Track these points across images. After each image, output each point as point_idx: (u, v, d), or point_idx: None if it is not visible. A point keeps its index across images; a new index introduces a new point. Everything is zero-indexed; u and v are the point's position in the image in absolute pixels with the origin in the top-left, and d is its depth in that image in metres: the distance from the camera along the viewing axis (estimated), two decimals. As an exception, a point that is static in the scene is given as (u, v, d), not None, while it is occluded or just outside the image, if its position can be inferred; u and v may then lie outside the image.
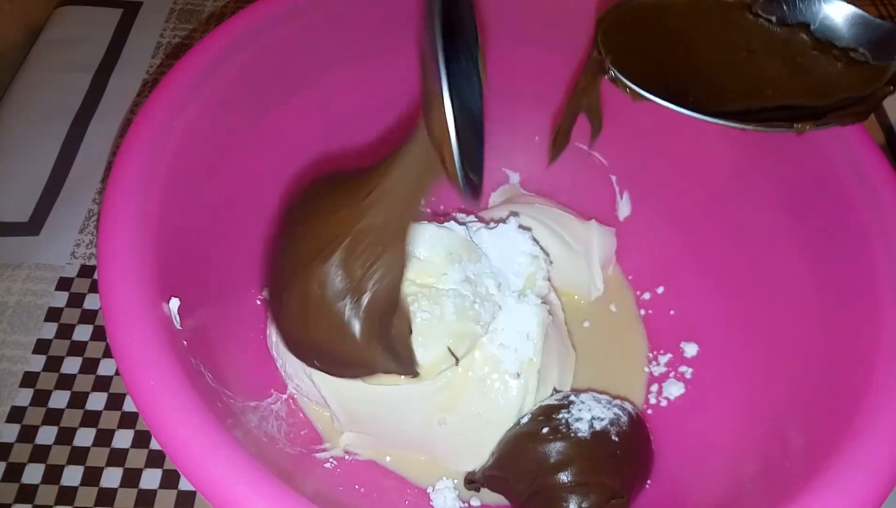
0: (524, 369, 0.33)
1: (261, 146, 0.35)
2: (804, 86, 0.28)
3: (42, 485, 0.35)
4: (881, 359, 0.26)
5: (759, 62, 0.29)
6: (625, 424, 0.32)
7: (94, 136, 0.48)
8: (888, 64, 0.28)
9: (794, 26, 0.29)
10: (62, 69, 0.51)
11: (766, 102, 0.28)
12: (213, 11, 0.56)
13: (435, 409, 0.33)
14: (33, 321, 0.40)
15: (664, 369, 0.39)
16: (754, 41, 0.30)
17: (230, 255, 0.34)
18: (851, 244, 0.29)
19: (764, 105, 0.28)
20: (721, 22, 0.30)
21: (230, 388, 0.29)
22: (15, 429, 0.37)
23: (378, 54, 0.38)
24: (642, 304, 0.42)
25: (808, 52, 0.29)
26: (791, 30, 0.29)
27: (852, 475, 0.23)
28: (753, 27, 0.30)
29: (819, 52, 0.29)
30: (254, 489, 0.22)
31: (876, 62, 0.28)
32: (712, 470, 0.32)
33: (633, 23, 0.30)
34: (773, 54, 0.29)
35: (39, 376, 0.39)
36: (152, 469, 0.36)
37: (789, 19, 0.29)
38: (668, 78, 0.29)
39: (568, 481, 0.30)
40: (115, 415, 0.38)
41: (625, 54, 0.29)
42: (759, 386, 0.32)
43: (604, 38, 0.29)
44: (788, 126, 0.27)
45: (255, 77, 0.33)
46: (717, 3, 0.30)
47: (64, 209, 0.45)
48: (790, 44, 0.29)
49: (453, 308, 0.32)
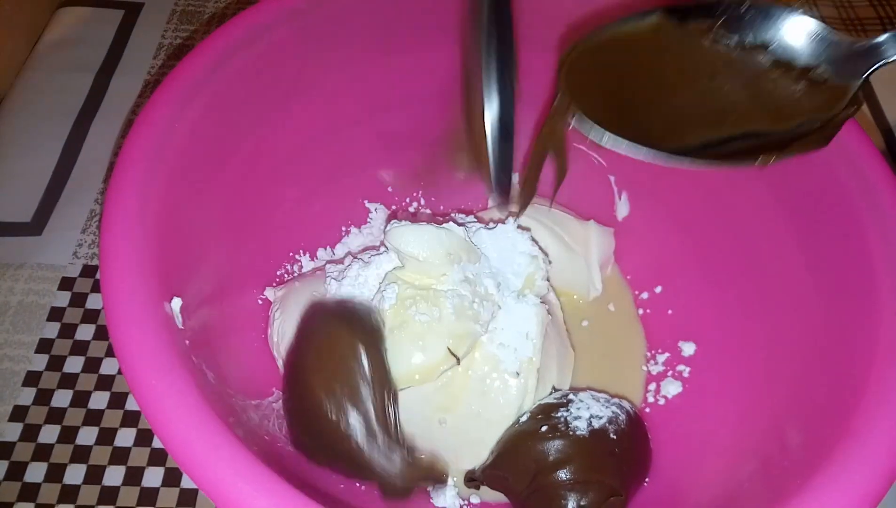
0: (523, 368, 0.33)
1: (262, 147, 0.36)
2: (766, 110, 0.28)
3: (45, 484, 0.35)
4: (879, 359, 0.26)
5: (720, 88, 0.29)
6: (623, 422, 0.33)
7: (96, 136, 0.49)
8: (849, 84, 0.27)
9: (753, 48, 0.29)
10: (64, 70, 0.52)
11: (730, 129, 0.28)
12: (214, 12, 0.56)
13: (435, 408, 0.33)
14: (36, 321, 0.41)
15: (662, 368, 0.39)
16: (715, 67, 0.29)
17: (231, 255, 0.34)
18: (849, 244, 0.29)
19: (730, 133, 0.28)
20: (681, 49, 0.29)
21: (231, 387, 0.29)
22: (18, 428, 0.37)
23: (379, 55, 0.38)
24: (640, 303, 0.42)
25: (768, 75, 0.28)
26: (751, 52, 0.29)
27: (850, 473, 0.23)
28: (714, 52, 0.29)
29: (779, 73, 0.28)
30: (255, 486, 0.22)
31: (837, 81, 0.27)
32: (710, 469, 0.32)
33: (595, 60, 0.29)
34: (734, 79, 0.29)
35: (42, 375, 0.39)
36: (155, 468, 0.36)
37: (749, 41, 0.29)
38: (632, 114, 0.28)
39: (567, 479, 0.30)
40: (117, 414, 0.38)
41: (588, 97, 0.28)
42: (756, 385, 0.33)
43: (567, 82, 0.29)
44: (751, 161, 0.26)
45: (257, 78, 0.34)
46: (676, 31, 0.29)
47: (66, 209, 0.45)
48: (750, 67, 0.29)
49: (452, 309, 0.32)
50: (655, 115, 0.29)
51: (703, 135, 0.28)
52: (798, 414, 0.29)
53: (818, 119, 0.27)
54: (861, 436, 0.24)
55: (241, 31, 0.33)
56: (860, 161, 0.30)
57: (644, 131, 0.28)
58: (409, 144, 0.42)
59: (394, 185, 0.44)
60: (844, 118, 0.27)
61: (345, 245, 0.42)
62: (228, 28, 0.33)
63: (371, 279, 0.35)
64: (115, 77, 0.52)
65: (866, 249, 0.29)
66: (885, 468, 0.23)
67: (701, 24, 0.29)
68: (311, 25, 0.35)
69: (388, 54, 0.38)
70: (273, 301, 0.37)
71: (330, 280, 0.36)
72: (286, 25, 0.34)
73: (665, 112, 0.29)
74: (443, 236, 0.33)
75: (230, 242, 0.34)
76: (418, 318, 0.32)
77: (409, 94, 0.40)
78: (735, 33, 0.29)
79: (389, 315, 0.32)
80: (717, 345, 0.37)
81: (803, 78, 0.28)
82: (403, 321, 0.32)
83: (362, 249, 0.41)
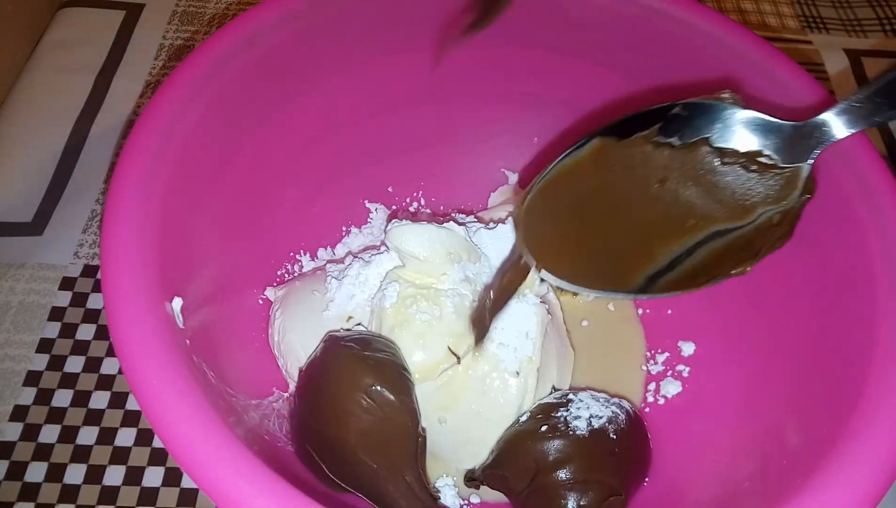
0: (523, 367, 0.33)
1: (263, 147, 0.36)
2: (722, 205, 0.27)
3: (45, 483, 0.35)
4: (878, 358, 0.26)
5: (673, 191, 0.28)
6: (623, 422, 0.33)
7: (97, 137, 0.49)
8: (799, 168, 0.26)
9: (696, 143, 0.28)
10: (65, 70, 0.52)
11: (693, 234, 0.27)
12: (215, 13, 0.57)
13: (435, 408, 0.33)
14: (36, 321, 0.41)
15: (662, 367, 0.39)
16: (663, 169, 0.29)
17: (232, 255, 0.34)
18: (848, 244, 0.30)
19: (694, 239, 0.27)
20: (627, 162, 0.29)
21: (232, 386, 0.29)
22: (18, 428, 0.37)
23: (379, 56, 0.38)
24: (640, 303, 0.42)
25: (715, 167, 0.28)
26: (694, 147, 0.28)
27: (849, 473, 0.23)
28: (659, 156, 0.29)
29: (726, 163, 0.28)
30: (256, 486, 0.22)
31: (786, 164, 0.27)
32: (709, 468, 0.32)
33: (548, 202, 0.29)
34: (685, 177, 0.28)
35: (42, 375, 0.39)
36: (155, 467, 0.36)
37: (690, 138, 0.28)
38: (596, 248, 0.29)
39: (567, 478, 0.30)
40: (117, 414, 0.38)
41: (548, 245, 0.29)
42: (755, 385, 0.33)
43: (527, 236, 0.29)
44: (728, 275, 0.26)
45: (257, 79, 0.34)
46: (618, 148, 0.29)
47: (67, 210, 0.45)
48: (697, 162, 0.28)
49: (453, 308, 0.32)
50: (619, 240, 0.28)
51: (668, 248, 0.28)
52: (797, 414, 0.29)
53: (776, 210, 0.27)
54: (860, 436, 0.24)
55: (241, 32, 0.33)
56: (859, 162, 0.30)
57: (612, 262, 0.28)
58: (409, 145, 0.42)
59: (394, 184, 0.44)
60: (802, 206, 0.27)
61: (345, 245, 0.42)
62: (229, 29, 0.33)
63: (372, 278, 0.35)
64: (116, 78, 0.52)
65: (865, 249, 0.29)
66: (884, 467, 0.23)
67: (640, 134, 0.29)
68: (312, 26, 0.35)
69: (388, 55, 0.38)
70: (274, 301, 0.37)
71: (331, 279, 0.36)
72: (287, 26, 0.34)
73: (627, 233, 0.28)
74: (443, 236, 0.33)
75: (231, 242, 0.34)
76: (419, 317, 0.32)
77: (410, 94, 0.41)
78: (675, 134, 0.28)
79: (390, 314, 0.32)
80: (717, 345, 0.37)
81: (752, 163, 0.27)
82: (404, 319, 0.32)
83: (363, 248, 0.41)
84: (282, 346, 0.35)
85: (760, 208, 0.27)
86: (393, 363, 0.31)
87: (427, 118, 0.42)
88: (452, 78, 0.40)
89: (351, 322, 0.35)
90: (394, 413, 0.30)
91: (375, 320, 0.34)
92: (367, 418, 0.29)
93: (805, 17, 0.60)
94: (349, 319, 0.35)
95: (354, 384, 0.29)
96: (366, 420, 0.29)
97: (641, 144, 0.29)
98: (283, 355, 0.35)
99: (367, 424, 0.29)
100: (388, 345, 0.32)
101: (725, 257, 0.27)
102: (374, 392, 0.29)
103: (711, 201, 0.28)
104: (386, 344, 0.32)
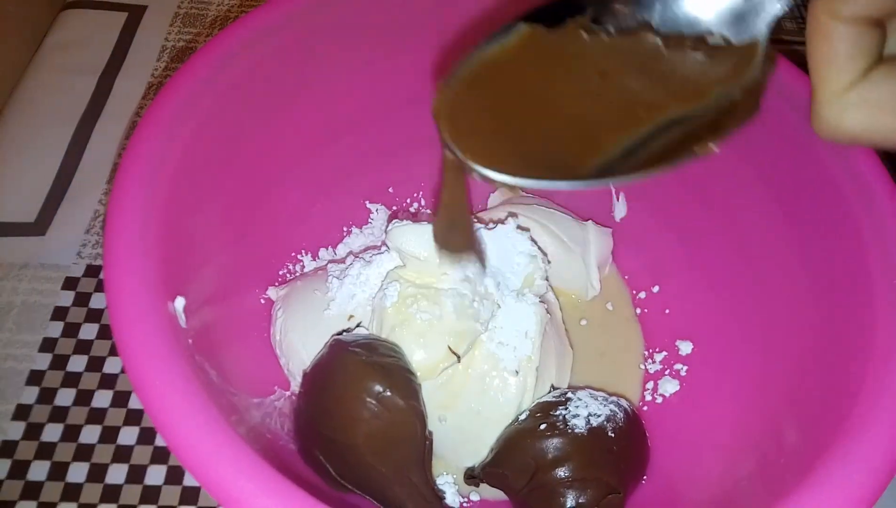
0: (523, 366, 0.33)
1: (264, 148, 0.36)
2: (673, 92, 0.24)
3: (47, 482, 0.36)
4: (876, 356, 0.26)
5: (618, 83, 0.25)
6: (621, 420, 0.33)
7: (100, 137, 0.49)
8: (755, 41, 0.24)
9: (636, 30, 0.25)
10: (67, 72, 0.52)
11: (645, 124, 0.24)
12: (217, 15, 0.57)
13: (435, 406, 0.33)
14: (39, 320, 0.41)
15: (660, 366, 0.39)
16: (603, 61, 0.25)
17: (234, 255, 0.35)
18: (845, 242, 0.30)
19: (647, 129, 0.24)
20: (562, 53, 0.25)
21: (234, 385, 0.30)
22: (21, 427, 0.37)
23: (380, 57, 0.38)
24: (638, 303, 0.42)
25: (662, 54, 0.25)
26: (634, 35, 0.25)
27: (848, 471, 0.23)
28: (597, 46, 0.25)
29: (672, 49, 0.25)
30: (257, 484, 0.22)
31: (739, 41, 0.24)
32: (708, 467, 0.32)
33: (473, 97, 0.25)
34: (628, 68, 0.25)
35: (45, 374, 0.39)
36: (157, 466, 0.36)
37: (629, 24, 0.25)
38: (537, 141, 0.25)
39: (565, 476, 0.31)
40: (120, 412, 0.38)
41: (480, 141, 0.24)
42: (753, 384, 0.33)
43: (449, 131, 0.25)
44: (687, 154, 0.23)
45: (259, 80, 0.34)
46: (550, 36, 0.25)
47: (70, 210, 0.45)
48: (639, 50, 0.25)
49: (453, 307, 0.32)
50: (561, 134, 0.25)
51: (619, 140, 0.24)
52: (795, 412, 0.29)
53: (736, 86, 0.24)
54: (858, 434, 0.24)
55: (244, 33, 0.33)
56: (856, 162, 0.30)
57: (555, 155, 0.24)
58: (409, 145, 0.42)
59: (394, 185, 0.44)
60: (766, 78, 0.24)
61: (346, 245, 0.42)
62: (231, 31, 0.33)
63: (373, 278, 0.35)
64: (118, 79, 0.52)
65: (862, 249, 0.29)
66: (882, 466, 0.23)
67: (573, 21, 0.25)
68: (313, 28, 0.35)
69: (388, 56, 0.39)
70: (275, 300, 0.37)
71: (332, 279, 0.36)
72: (289, 28, 0.34)
73: (569, 128, 0.25)
74: (443, 236, 0.33)
75: (233, 242, 0.34)
76: (419, 316, 0.32)
77: (411, 95, 0.41)
78: (611, 21, 0.25)
79: (391, 313, 0.33)
80: (714, 344, 0.37)
81: (700, 47, 0.24)
82: (405, 318, 0.32)
83: (364, 248, 0.42)
84: (283, 345, 0.35)
85: (717, 88, 0.24)
86: (399, 367, 0.31)
87: (427, 119, 0.42)
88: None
89: (352, 321, 0.35)
90: (403, 418, 0.30)
91: (376, 319, 0.34)
92: (376, 423, 0.29)
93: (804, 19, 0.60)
94: (350, 318, 0.35)
95: (363, 390, 0.30)
96: (375, 425, 0.29)
97: (575, 33, 0.25)
98: (284, 354, 0.35)
99: (376, 429, 0.29)
100: (394, 350, 0.32)
101: (686, 141, 0.23)
102: (383, 398, 0.30)
103: (661, 89, 0.25)
104: (391, 349, 0.32)
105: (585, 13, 0.26)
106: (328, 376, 0.31)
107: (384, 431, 0.29)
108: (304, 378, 0.33)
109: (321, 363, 0.32)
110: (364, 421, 0.29)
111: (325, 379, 0.31)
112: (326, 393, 0.31)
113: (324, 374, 0.32)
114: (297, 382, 0.35)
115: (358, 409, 0.29)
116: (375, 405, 0.29)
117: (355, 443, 0.29)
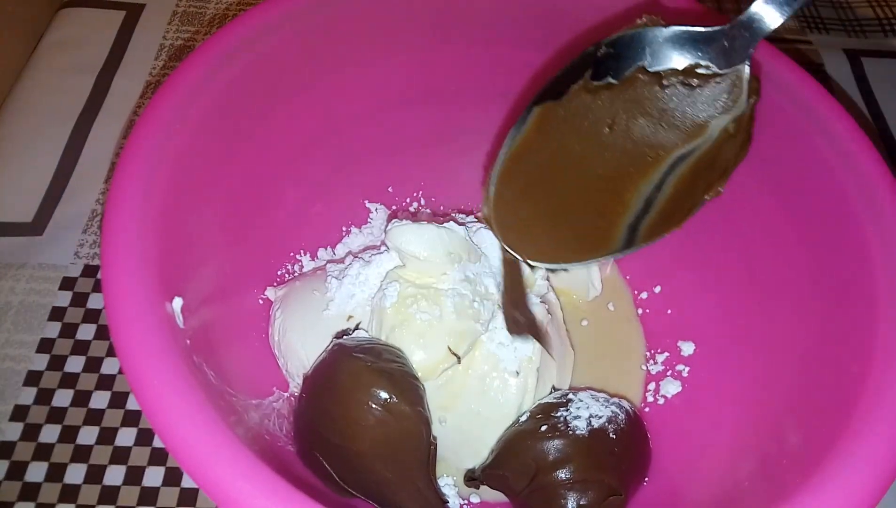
0: (523, 367, 0.33)
1: (263, 147, 0.36)
2: (675, 129, 0.27)
3: (45, 483, 0.35)
4: (878, 358, 0.26)
5: (623, 130, 0.28)
6: (622, 422, 0.33)
7: (98, 137, 0.49)
8: (738, 70, 0.26)
9: (631, 75, 0.28)
10: (65, 70, 0.52)
11: (656, 165, 0.27)
12: (215, 14, 0.57)
13: (435, 407, 0.33)
14: (37, 321, 0.41)
15: (661, 367, 0.39)
16: (607, 110, 0.28)
17: (232, 255, 0.34)
18: (848, 244, 0.30)
19: (659, 170, 0.27)
20: (570, 119, 0.29)
21: (232, 386, 0.29)
22: (18, 428, 0.37)
23: (379, 56, 0.38)
24: (640, 303, 0.42)
25: (657, 93, 0.28)
26: (631, 80, 0.28)
27: (849, 472, 0.23)
28: (599, 99, 0.28)
29: (666, 86, 0.27)
30: (256, 486, 0.22)
31: (726, 70, 0.26)
32: (709, 468, 0.32)
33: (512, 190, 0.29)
34: (630, 114, 0.28)
35: (43, 374, 0.39)
36: (155, 467, 0.36)
37: (623, 72, 0.28)
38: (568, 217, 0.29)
39: (566, 478, 0.31)
40: (118, 413, 0.38)
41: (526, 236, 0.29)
42: (755, 385, 0.33)
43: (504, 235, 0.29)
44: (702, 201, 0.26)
45: (257, 79, 0.34)
46: (557, 107, 0.29)
47: (67, 210, 0.45)
48: (637, 95, 0.28)
49: (453, 307, 0.32)
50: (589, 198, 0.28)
51: (638, 189, 0.27)
52: (797, 413, 0.29)
53: (728, 116, 0.27)
54: (860, 435, 0.24)
55: (242, 32, 0.33)
56: (859, 163, 0.30)
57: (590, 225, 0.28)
58: (409, 145, 0.42)
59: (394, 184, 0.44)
60: (751, 112, 0.26)
61: (345, 245, 0.42)
62: (229, 29, 0.33)
63: (372, 278, 0.35)
64: (116, 78, 0.52)
65: (865, 250, 0.29)
66: (884, 467, 0.23)
67: (575, 86, 0.29)
68: (312, 27, 0.35)
69: (387, 55, 0.38)
70: (274, 301, 0.37)
71: (331, 279, 0.36)
72: (287, 27, 0.34)
73: (594, 188, 0.28)
74: (444, 236, 0.33)
75: (231, 242, 0.34)
76: (419, 316, 0.32)
77: (410, 94, 0.41)
78: (609, 73, 0.28)
79: (391, 313, 0.32)
80: (716, 345, 0.37)
81: (691, 77, 0.27)
82: (405, 319, 0.32)
83: (363, 248, 0.41)
84: (282, 345, 0.35)
85: (713, 121, 0.27)
86: (403, 372, 0.31)
87: (427, 118, 0.42)
88: (452, 78, 0.40)
89: (351, 322, 0.35)
90: (408, 424, 0.30)
91: (375, 319, 0.34)
92: (382, 430, 0.29)
93: (805, 18, 0.60)
94: (349, 318, 0.35)
95: (370, 397, 0.29)
96: (381, 432, 0.29)
97: (579, 96, 0.29)
98: (283, 354, 0.35)
99: (381, 434, 0.29)
100: (397, 355, 0.32)
101: (695, 182, 0.27)
102: (390, 405, 0.29)
103: (664, 128, 0.28)
104: (395, 354, 0.32)
105: (584, 76, 0.29)
106: (332, 382, 0.31)
107: (390, 437, 0.29)
108: (305, 382, 0.33)
109: (324, 368, 0.32)
110: (370, 428, 0.29)
111: (328, 384, 0.31)
112: (330, 398, 0.31)
113: (327, 379, 0.31)
114: (295, 383, 0.35)
115: (364, 416, 0.29)
116: (382, 412, 0.29)
117: (361, 449, 0.29)
